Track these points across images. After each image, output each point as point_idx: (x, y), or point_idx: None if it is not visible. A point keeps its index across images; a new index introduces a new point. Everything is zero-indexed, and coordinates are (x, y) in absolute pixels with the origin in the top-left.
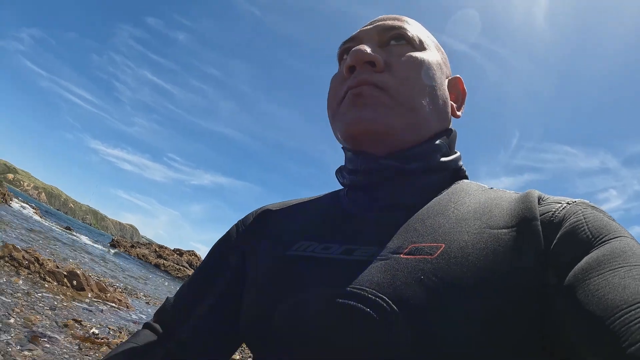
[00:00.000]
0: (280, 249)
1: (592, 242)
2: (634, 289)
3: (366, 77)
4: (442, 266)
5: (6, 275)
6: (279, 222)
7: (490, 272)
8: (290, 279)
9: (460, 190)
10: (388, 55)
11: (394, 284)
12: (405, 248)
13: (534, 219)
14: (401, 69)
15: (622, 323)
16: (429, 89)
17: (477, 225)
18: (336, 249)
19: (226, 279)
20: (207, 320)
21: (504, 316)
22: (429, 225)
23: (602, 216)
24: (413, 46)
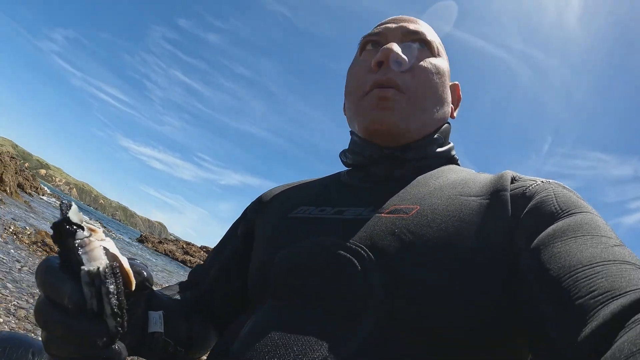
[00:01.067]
0: (284, 212)
1: (559, 213)
2: (590, 253)
3: (393, 77)
4: (415, 223)
5: (38, 259)
6: (286, 193)
7: (456, 230)
8: (290, 233)
9: (447, 169)
10: (411, 55)
11: (372, 236)
12: (387, 209)
13: (503, 190)
14: (421, 72)
15: (574, 280)
16: (439, 92)
17: (451, 193)
18: (329, 210)
19: (233, 245)
20: (219, 277)
21: (469, 267)
22: (411, 192)
23: (572, 195)
24: (431, 52)
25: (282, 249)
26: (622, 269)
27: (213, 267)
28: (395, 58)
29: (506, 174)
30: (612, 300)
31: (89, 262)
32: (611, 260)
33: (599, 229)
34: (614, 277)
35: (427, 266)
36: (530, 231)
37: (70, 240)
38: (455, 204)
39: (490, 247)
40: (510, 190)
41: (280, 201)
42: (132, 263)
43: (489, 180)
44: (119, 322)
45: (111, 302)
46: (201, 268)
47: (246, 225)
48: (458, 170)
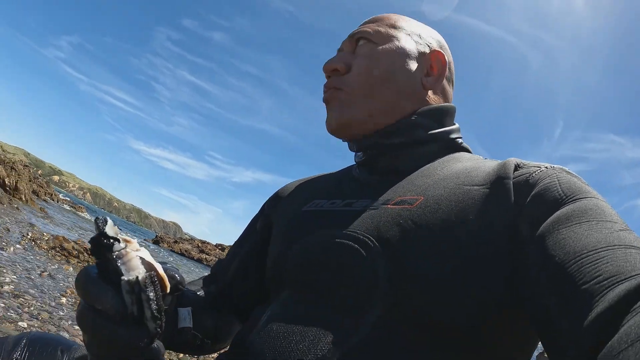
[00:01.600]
0: (298, 206)
1: (564, 199)
2: (595, 238)
3: (329, 83)
4: (419, 214)
5: (57, 263)
6: (301, 187)
7: (459, 220)
8: (303, 226)
9: (453, 158)
10: (353, 57)
11: (378, 227)
12: (393, 200)
13: (506, 178)
14: (357, 65)
15: (578, 265)
16: (386, 74)
17: (454, 183)
18: (339, 203)
19: (253, 239)
20: (240, 271)
21: (472, 261)
22: (415, 183)
23: (576, 180)
24: (374, 42)
25: (295, 243)
26: (628, 253)
27: (234, 261)
28: (330, 68)
29: (509, 161)
30: (617, 284)
31: (128, 272)
32: (616, 245)
33: (604, 214)
34: (620, 261)
35: (430, 259)
36: (534, 219)
37: (108, 253)
38: (458, 193)
39: (493, 239)
40: (514, 178)
41: (295, 195)
42: (165, 268)
43: (492, 168)
44: (159, 324)
45: (151, 307)
46: (222, 262)
47: (264, 220)
48: (464, 158)
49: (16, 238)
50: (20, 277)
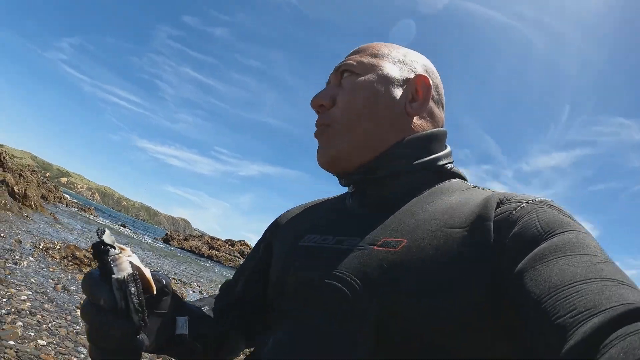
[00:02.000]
0: (294, 240)
1: (542, 235)
2: (572, 272)
3: (318, 120)
4: (401, 258)
5: (70, 273)
6: (297, 219)
7: (440, 264)
8: (297, 262)
9: (440, 190)
10: (336, 89)
11: (365, 270)
12: (379, 241)
13: (487, 220)
14: (341, 99)
15: (554, 300)
16: (368, 106)
17: (436, 224)
18: (331, 240)
19: (256, 262)
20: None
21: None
22: (401, 223)
23: (557, 213)
24: (356, 74)
25: (290, 278)
26: (604, 286)
27: (239, 281)
28: (316, 104)
29: (492, 199)
30: (592, 317)
31: (118, 272)
32: (592, 278)
33: (582, 247)
34: (595, 294)
35: (412, 302)
36: (513, 257)
37: (105, 257)
38: (440, 237)
39: (474, 280)
40: (495, 216)
41: (292, 226)
42: (154, 274)
43: (475, 205)
44: (141, 317)
45: (133, 301)
46: (230, 282)
47: (266, 246)
48: (453, 189)
49: (28, 250)
50: (36, 292)
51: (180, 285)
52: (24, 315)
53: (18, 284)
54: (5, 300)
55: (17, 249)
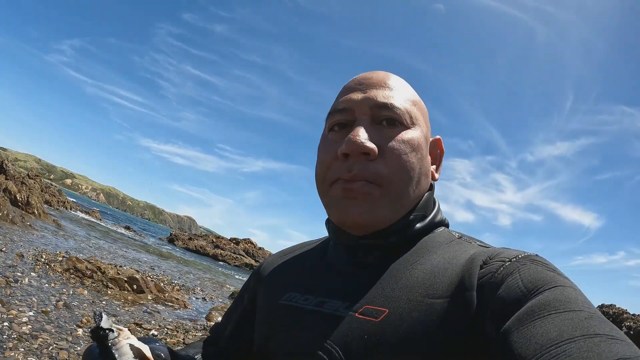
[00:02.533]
0: (275, 298)
1: (526, 295)
2: (557, 331)
3: (360, 172)
4: (382, 329)
5: (72, 287)
6: (279, 271)
7: (421, 336)
8: (279, 322)
9: (424, 246)
10: (380, 137)
11: (346, 339)
12: (361, 308)
13: (469, 289)
14: (394, 156)
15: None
16: (416, 170)
17: (418, 294)
18: (312, 300)
19: (239, 313)
20: (233, 337)
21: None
22: (382, 289)
23: (541, 269)
24: (404, 125)
25: (272, 340)
26: (592, 343)
27: (228, 326)
28: (361, 150)
29: (475, 261)
30: None
31: (120, 357)
32: (580, 336)
33: (568, 303)
34: (583, 352)
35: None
36: (497, 319)
37: (104, 342)
38: (421, 308)
39: (457, 349)
40: (478, 280)
41: (273, 279)
42: (153, 347)
43: (457, 271)
44: None
45: None
46: (219, 327)
47: (250, 294)
48: (435, 244)
49: (30, 264)
50: (37, 312)
51: (183, 292)
52: (25, 340)
53: (19, 304)
54: (7, 324)
55: (18, 264)
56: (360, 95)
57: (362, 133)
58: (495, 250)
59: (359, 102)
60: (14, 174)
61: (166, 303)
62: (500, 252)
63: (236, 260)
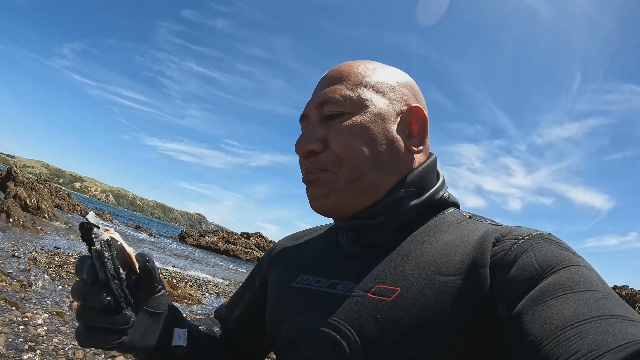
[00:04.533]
0: (287, 281)
1: (540, 274)
2: (572, 312)
3: (310, 166)
4: (395, 308)
5: None
6: (291, 253)
7: (434, 315)
8: (291, 305)
9: (435, 226)
10: (326, 132)
11: (359, 319)
12: (373, 287)
13: (482, 267)
14: (337, 144)
15: (556, 342)
16: (369, 151)
17: (430, 271)
18: (324, 283)
19: (252, 294)
20: (241, 320)
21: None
22: (394, 267)
23: (555, 248)
24: (347, 113)
25: (285, 323)
26: (608, 324)
27: (235, 310)
28: (305, 150)
29: (487, 239)
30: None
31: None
32: (595, 317)
33: (582, 283)
34: (599, 334)
35: (404, 354)
36: (511, 300)
37: (89, 233)
38: (433, 286)
39: (470, 329)
40: (491, 259)
41: (286, 263)
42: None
43: (469, 249)
44: (118, 285)
45: (108, 266)
46: (223, 310)
47: (261, 277)
48: (445, 223)
49: (43, 267)
50: (52, 314)
51: (195, 287)
52: (42, 342)
53: (34, 307)
54: (22, 327)
55: (31, 267)
56: (313, 97)
57: (305, 135)
58: (507, 228)
59: (309, 105)
60: (23, 180)
61: (180, 299)
62: (513, 230)
63: (248, 255)
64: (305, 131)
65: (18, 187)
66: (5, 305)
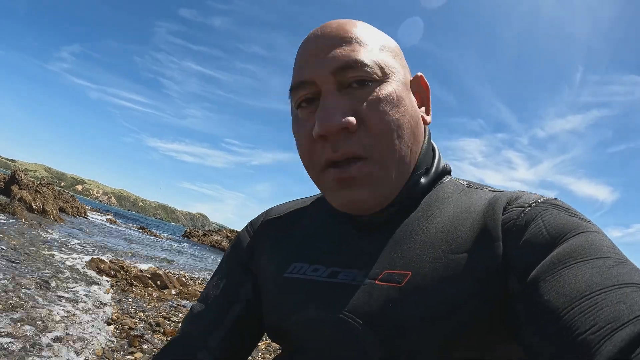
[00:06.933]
0: (279, 270)
1: (550, 244)
2: (586, 282)
3: (346, 150)
4: (407, 294)
5: (98, 287)
6: (274, 242)
7: (449, 298)
8: (290, 299)
9: (436, 197)
10: (353, 103)
11: (368, 309)
12: (380, 274)
13: (496, 239)
14: (376, 120)
15: (571, 315)
16: (405, 124)
17: (441, 250)
18: (323, 271)
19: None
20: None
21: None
22: (401, 250)
23: (563, 214)
24: (377, 81)
25: (290, 318)
26: (623, 294)
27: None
28: (337, 128)
29: (496, 208)
30: (614, 332)
31: None
32: (610, 286)
33: (594, 250)
34: (615, 305)
35: (421, 344)
36: (522, 272)
37: None
38: (447, 266)
39: (489, 310)
40: (503, 225)
41: (273, 248)
42: None
43: (477, 221)
44: None
45: None
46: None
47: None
48: (446, 194)
49: (55, 267)
50: (68, 313)
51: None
52: (58, 340)
53: (49, 305)
54: (40, 322)
55: (45, 268)
56: (317, 60)
57: (333, 107)
58: (512, 194)
59: (318, 69)
60: (27, 183)
61: (190, 297)
62: (519, 196)
63: None
64: (331, 102)
65: (23, 191)
66: None
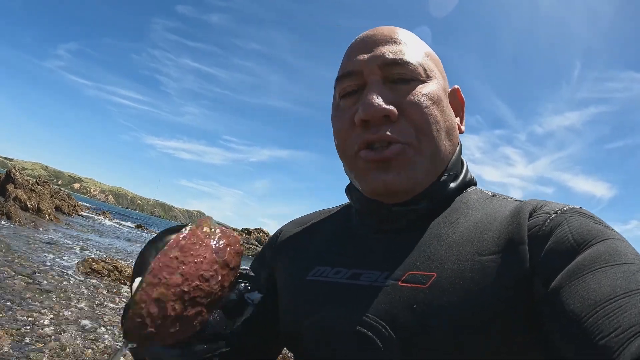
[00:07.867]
0: (301, 274)
1: (575, 249)
2: (610, 286)
3: (384, 135)
4: (433, 296)
5: (91, 287)
6: (298, 246)
7: (476, 299)
8: (311, 301)
9: (462, 204)
10: (396, 96)
11: (392, 311)
12: (403, 275)
13: (521, 243)
14: (416, 113)
15: (595, 318)
16: (441, 123)
17: (467, 252)
18: (344, 274)
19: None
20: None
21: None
22: (425, 252)
23: (588, 222)
24: (419, 80)
25: (305, 320)
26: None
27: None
28: (380, 114)
29: (522, 213)
30: (637, 335)
31: None
32: (634, 290)
33: (618, 256)
34: (638, 309)
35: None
36: (548, 275)
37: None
38: (473, 268)
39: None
40: (529, 231)
41: (295, 253)
42: None
43: (503, 225)
44: None
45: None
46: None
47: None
48: (471, 202)
49: (48, 267)
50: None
51: None
52: (48, 341)
53: (40, 307)
54: (29, 327)
55: (37, 267)
56: (367, 55)
57: (377, 95)
58: (538, 202)
59: (366, 62)
60: (22, 182)
61: None
62: (544, 204)
63: (249, 251)
64: (376, 91)
65: (18, 190)
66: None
